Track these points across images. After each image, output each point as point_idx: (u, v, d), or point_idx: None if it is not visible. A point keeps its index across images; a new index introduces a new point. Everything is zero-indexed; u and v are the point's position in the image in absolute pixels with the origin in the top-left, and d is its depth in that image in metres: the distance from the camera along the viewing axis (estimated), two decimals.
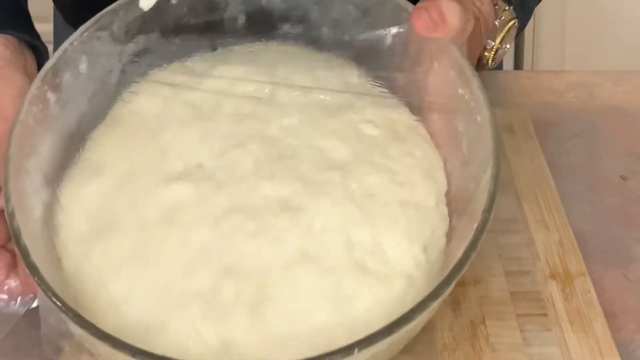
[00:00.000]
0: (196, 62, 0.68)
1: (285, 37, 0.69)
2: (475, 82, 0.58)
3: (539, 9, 0.86)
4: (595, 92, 0.91)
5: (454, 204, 0.60)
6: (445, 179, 0.62)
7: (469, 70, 0.59)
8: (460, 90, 0.60)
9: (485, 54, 0.71)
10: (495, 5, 0.71)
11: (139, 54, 0.67)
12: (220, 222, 0.58)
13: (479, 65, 0.71)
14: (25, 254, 0.53)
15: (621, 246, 0.72)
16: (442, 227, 0.60)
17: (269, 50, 0.69)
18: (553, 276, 0.67)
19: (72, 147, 0.63)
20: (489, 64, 0.72)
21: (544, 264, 0.68)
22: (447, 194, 0.61)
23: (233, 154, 0.61)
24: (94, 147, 0.64)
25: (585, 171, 0.80)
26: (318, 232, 0.57)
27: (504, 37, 0.72)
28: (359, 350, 0.48)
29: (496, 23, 0.71)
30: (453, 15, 0.60)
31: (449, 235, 0.59)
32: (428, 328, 0.63)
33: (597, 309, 0.65)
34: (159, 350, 0.50)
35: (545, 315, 0.64)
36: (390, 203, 0.59)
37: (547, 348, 0.62)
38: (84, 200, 0.60)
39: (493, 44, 0.71)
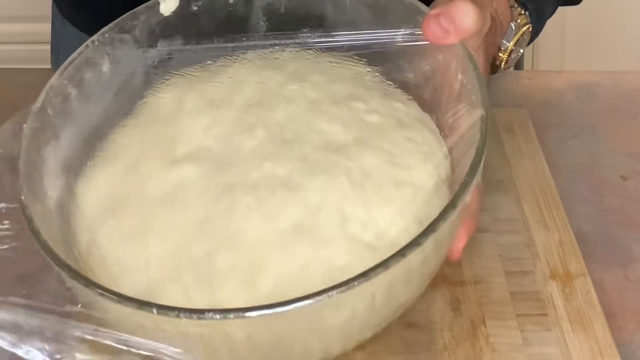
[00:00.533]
0: (215, 65, 0.70)
1: (303, 44, 0.71)
2: (474, 74, 0.59)
3: None
4: (595, 92, 0.91)
5: (456, 187, 0.60)
6: (448, 165, 0.62)
7: (470, 64, 0.60)
8: (459, 76, 0.61)
9: (500, 54, 0.71)
10: (512, 7, 0.71)
11: (162, 60, 0.69)
12: (220, 198, 0.59)
13: (492, 66, 0.71)
14: (29, 219, 0.55)
15: (621, 246, 0.72)
16: (441, 206, 0.58)
17: (286, 53, 0.70)
18: (553, 276, 0.67)
19: (92, 141, 0.66)
20: (502, 65, 0.72)
21: (544, 264, 0.68)
22: (452, 178, 0.61)
23: (239, 137, 0.63)
24: (112, 140, 0.67)
25: (585, 171, 0.80)
26: (313, 207, 0.58)
27: (518, 40, 0.71)
28: (357, 284, 0.49)
29: (512, 25, 0.71)
30: (468, 19, 0.60)
31: None
32: (428, 328, 0.63)
33: (597, 309, 0.65)
34: (148, 317, 0.51)
35: (545, 315, 0.64)
36: (386, 182, 0.60)
37: (547, 348, 0.62)
38: (96, 186, 0.63)
39: (508, 45, 0.71)
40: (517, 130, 0.83)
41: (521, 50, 0.72)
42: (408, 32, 0.65)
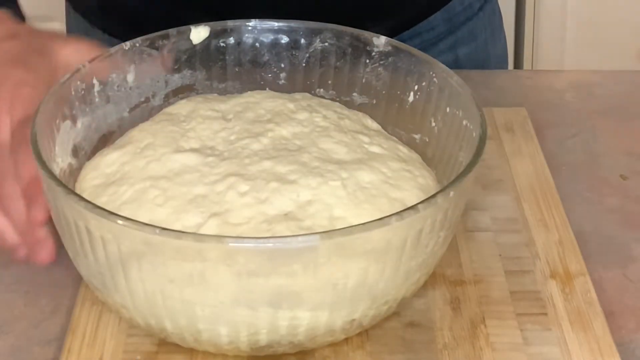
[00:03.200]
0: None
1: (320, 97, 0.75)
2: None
3: (538, 9, 0.86)
4: (595, 92, 0.91)
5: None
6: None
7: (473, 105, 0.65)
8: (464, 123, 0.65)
9: None
10: None
11: (182, 88, 0.74)
12: (217, 183, 0.63)
13: None
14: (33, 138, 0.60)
15: (621, 246, 0.72)
16: None
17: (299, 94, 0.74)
18: (553, 276, 0.67)
19: (106, 142, 0.70)
20: None
21: (544, 264, 0.68)
22: None
23: (245, 142, 0.67)
24: (125, 136, 0.70)
25: (585, 171, 0.80)
26: (304, 202, 0.61)
27: None
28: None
29: None
30: None
31: None
32: (428, 327, 0.63)
33: (597, 309, 0.65)
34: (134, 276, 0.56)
35: (545, 314, 0.64)
36: (379, 195, 0.62)
37: (547, 347, 0.62)
38: (104, 164, 0.66)
39: None
40: (516, 130, 0.83)
41: None
42: (418, 88, 0.70)
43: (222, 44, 0.73)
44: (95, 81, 0.69)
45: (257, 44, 0.74)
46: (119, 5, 0.91)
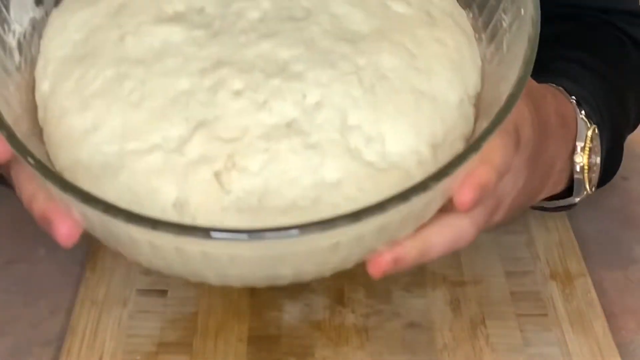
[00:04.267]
0: None
1: None
2: None
3: None
4: None
5: (484, 106, 0.53)
6: (479, 79, 0.54)
7: None
8: None
9: (580, 171, 0.65)
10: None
11: None
12: (205, 73, 0.51)
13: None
14: None
15: (621, 246, 0.72)
16: (462, 128, 0.52)
17: None
18: (553, 276, 0.67)
19: None
20: (589, 188, 0.66)
21: (544, 264, 0.68)
22: (480, 95, 0.54)
23: (240, 4, 0.55)
24: None
25: None
26: (311, 106, 0.50)
27: (590, 149, 0.64)
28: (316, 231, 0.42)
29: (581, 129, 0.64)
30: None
31: (470, 140, 0.52)
32: (428, 328, 0.63)
33: (597, 310, 0.65)
34: (107, 196, 0.45)
35: (545, 315, 0.64)
36: (402, 89, 0.51)
37: (547, 348, 0.62)
38: (73, 25, 0.55)
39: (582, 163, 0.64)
40: None
41: (597, 159, 0.65)
42: None
43: None
44: None
45: None
46: None
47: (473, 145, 0.46)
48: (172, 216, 0.48)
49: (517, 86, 0.47)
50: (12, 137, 0.46)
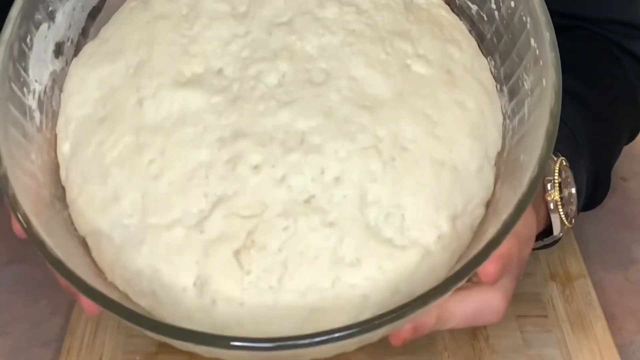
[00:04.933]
0: None
1: None
2: (548, 37, 0.50)
3: None
4: None
5: (504, 167, 0.53)
6: (499, 137, 0.54)
7: (543, 24, 0.51)
8: (532, 42, 0.52)
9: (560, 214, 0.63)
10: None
11: None
12: (224, 144, 0.51)
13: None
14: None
15: (621, 247, 0.72)
16: (482, 195, 0.52)
17: None
18: (553, 277, 0.67)
19: (92, 21, 0.59)
20: (567, 221, 0.63)
21: (544, 265, 0.68)
22: (500, 154, 0.54)
23: (259, 66, 0.54)
24: (116, 24, 0.58)
25: None
26: (330, 181, 0.50)
27: (559, 184, 0.63)
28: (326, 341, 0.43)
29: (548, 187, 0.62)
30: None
31: (490, 203, 0.52)
32: None
33: (597, 311, 0.65)
34: (127, 271, 0.48)
35: (545, 316, 0.64)
36: (422, 161, 0.51)
37: (547, 349, 0.62)
38: (92, 82, 0.56)
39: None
40: None
41: (573, 190, 0.64)
42: None
43: None
44: None
45: None
46: None
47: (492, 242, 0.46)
48: (192, 294, 0.49)
49: (530, 188, 0.47)
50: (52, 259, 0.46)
